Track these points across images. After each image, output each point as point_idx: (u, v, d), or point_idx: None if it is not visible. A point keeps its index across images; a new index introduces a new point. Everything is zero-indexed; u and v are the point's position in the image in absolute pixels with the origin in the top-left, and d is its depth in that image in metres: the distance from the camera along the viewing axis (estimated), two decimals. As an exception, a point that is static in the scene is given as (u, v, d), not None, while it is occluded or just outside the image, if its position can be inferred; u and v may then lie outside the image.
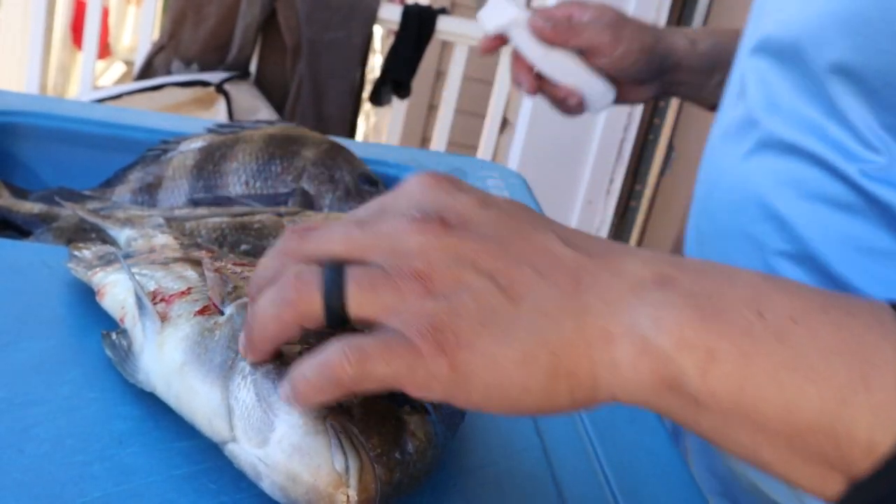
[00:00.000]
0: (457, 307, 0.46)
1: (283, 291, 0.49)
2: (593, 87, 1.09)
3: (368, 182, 1.01)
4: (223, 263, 0.65)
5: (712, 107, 1.08)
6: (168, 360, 0.56)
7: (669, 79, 1.10)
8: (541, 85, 1.11)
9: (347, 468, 0.48)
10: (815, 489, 0.44)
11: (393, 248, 0.48)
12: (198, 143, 1.00)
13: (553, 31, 1.05)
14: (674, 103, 2.77)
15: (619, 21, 1.07)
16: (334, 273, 0.48)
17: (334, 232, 0.50)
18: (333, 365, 0.46)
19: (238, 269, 0.64)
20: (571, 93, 1.09)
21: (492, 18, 1.07)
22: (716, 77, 1.07)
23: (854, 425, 0.42)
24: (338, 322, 0.48)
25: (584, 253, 0.48)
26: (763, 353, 0.43)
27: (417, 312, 0.46)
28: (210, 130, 1.02)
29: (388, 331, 0.46)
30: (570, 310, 0.46)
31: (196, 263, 0.67)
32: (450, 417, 0.57)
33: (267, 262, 0.52)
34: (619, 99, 1.13)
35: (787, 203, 0.78)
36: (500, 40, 1.10)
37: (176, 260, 0.68)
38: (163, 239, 0.76)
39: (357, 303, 0.47)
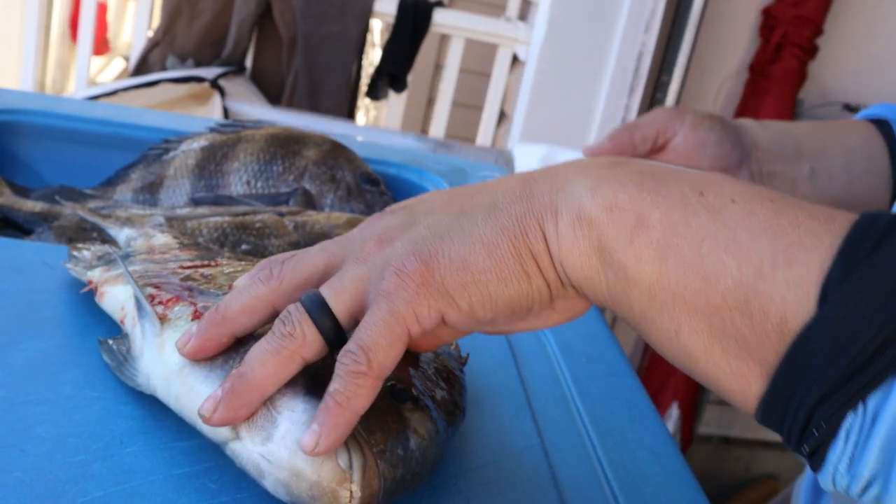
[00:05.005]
0: (409, 238, 0.49)
1: (279, 342, 0.50)
2: None
3: (370, 182, 1.01)
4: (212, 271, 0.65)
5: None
6: (168, 361, 0.56)
7: (756, 168, 0.95)
8: None
9: (351, 464, 0.49)
10: (737, 391, 0.44)
11: (350, 240, 0.53)
12: (199, 143, 1.00)
13: (612, 142, 0.88)
14: (671, 96, 2.77)
15: (674, 109, 0.95)
16: (313, 293, 0.51)
17: (306, 257, 0.54)
18: (354, 372, 0.48)
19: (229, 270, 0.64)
20: None
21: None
22: (805, 167, 0.95)
23: (768, 300, 0.42)
24: (335, 339, 0.50)
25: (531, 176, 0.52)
26: (692, 224, 0.44)
27: (376, 264, 0.49)
28: (212, 130, 1.02)
29: (371, 308, 0.49)
30: (519, 196, 0.50)
31: (202, 261, 0.67)
32: (451, 414, 0.57)
33: (241, 301, 0.54)
34: None
35: None
36: None
37: (176, 259, 0.68)
38: (162, 239, 0.76)
39: (335, 298, 0.50)
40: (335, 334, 0.50)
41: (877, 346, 0.39)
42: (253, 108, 2.42)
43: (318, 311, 0.50)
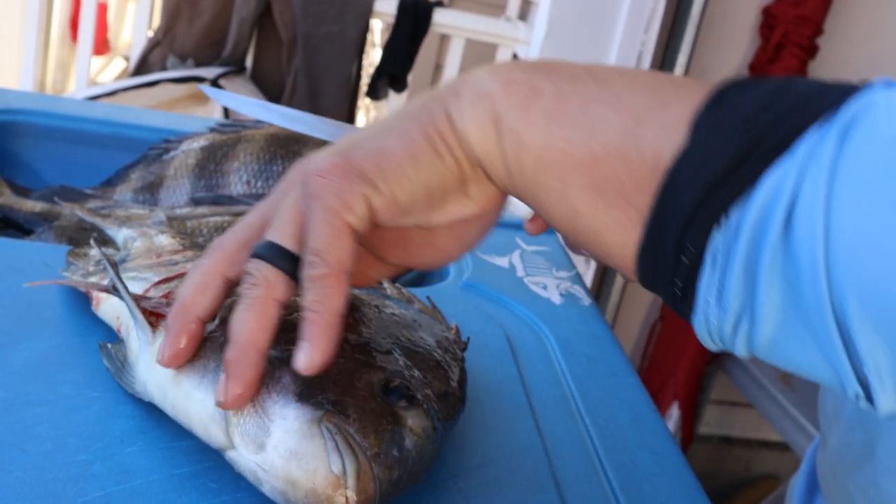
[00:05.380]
0: (326, 153, 0.52)
1: (248, 297, 0.51)
2: None
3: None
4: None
5: None
6: (162, 369, 0.56)
7: None
8: None
9: (345, 470, 0.48)
10: (619, 244, 0.47)
11: (276, 192, 0.55)
12: (200, 143, 1.00)
13: None
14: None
15: None
16: (257, 243, 0.52)
17: (239, 222, 0.56)
18: (312, 269, 0.50)
19: None
20: None
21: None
22: None
23: (643, 141, 0.45)
24: (295, 268, 0.51)
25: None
26: (581, 92, 0.48)
27: (300, 184, 0.52)
28: (212, 129, 1.02)
29: (307, 216, 0.51)
30: (427, 97, 0.53)
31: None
32: (449, 407, 0.57)
33: (192, 282, 0.55)
34: None
35: None
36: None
37: (174, 264, 0.68)
38: (162, 239, 0.76)
39: (279, 234, 0.52)
40: (295, 265, 0.51)
41: (737, 160, 0.41)
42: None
43: (269, 251, 0.51)
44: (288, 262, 0.51)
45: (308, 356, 0.48)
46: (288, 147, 1.00)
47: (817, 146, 0.40)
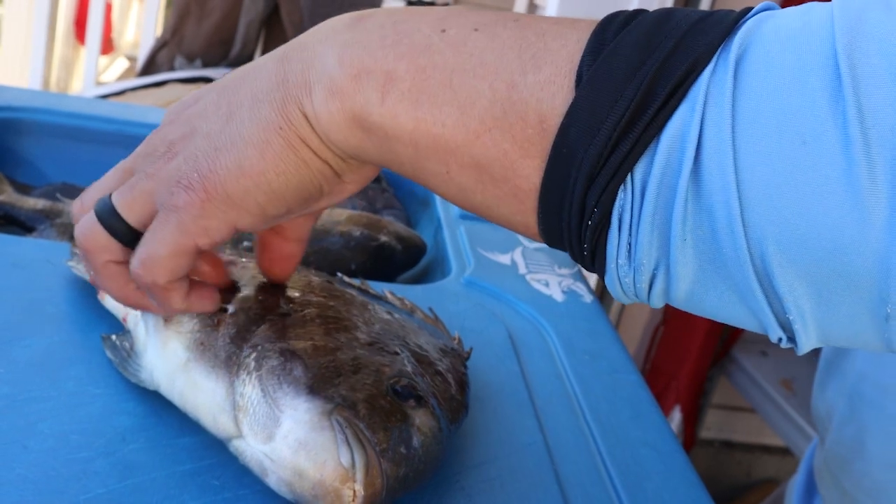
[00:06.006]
0: (190, 152, 0.49)
1: (90, 262, 0.54)
2: None
3: (371, 178, 1.01)
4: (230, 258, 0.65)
5: None
6: (172, 356, 0.56)
7: None
8: None
9: (354, 463, 0.48)
10: (516, 213, 0.44)
11: (138, 156, 0.53)
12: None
13: None
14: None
15: None
16: (103, 200, 0.52)
17: (101, 180, 0.55)
18: (136, 276, 0.51)
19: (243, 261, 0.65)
20: None
21: None
22: None
23: (523, 105, 0.41)
24: (132, 240, 0.51)
25: (291, 47, 0.50)
26: (438, 64, 0.44)
27: (163, 179, 0.50)
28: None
29: (159, 219, 0.50)
30: (276, 83, 0.48)
31: None
32: (453, 411, 0.57)
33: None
34: None
35: None
36: None
37: None
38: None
39: (125, 206, 0.51)
40: (130, 238, 0.52)
41: (633, 113, 0.39)
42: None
43: (108, 216, 0.52)
44: (126, 232, 0.52)
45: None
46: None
47: (713, 86, 0.38)
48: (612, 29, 0.41)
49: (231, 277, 0.62)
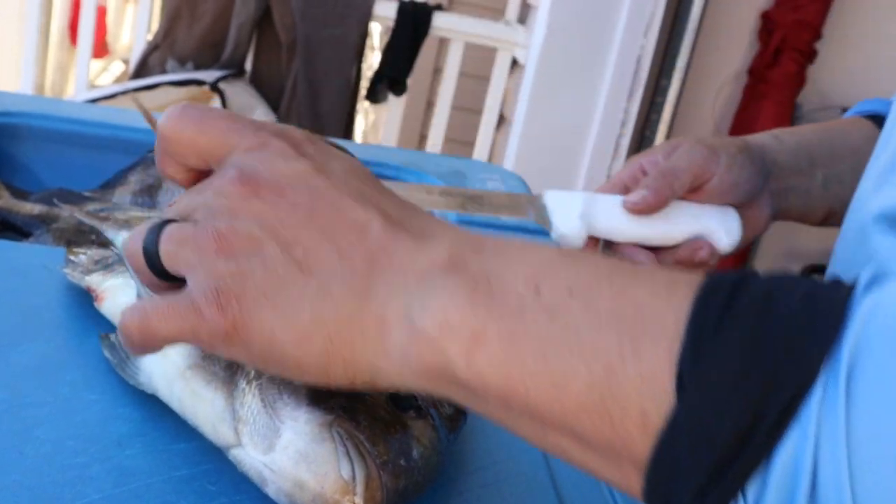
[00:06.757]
0: (244, 271, 0.46)
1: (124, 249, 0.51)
2: (722, 219, 0.88)
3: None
4: None
5: (820, 221, 0.96)
6: (171, 363, 0.56)
7: (775, 186, 0.92)
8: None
9: (354, 476, 0.48)
10: (622, 485, 0.43)
11: (208, 205, 0.48)
12: (197, 144, 1.00)
13: (655, 196, 0.84)
14: (671, 98, 2.77)
15: (697, 141, 0.88)
16: (155, 229, 0.49)
17: (183, 199, 0.51)
18: (124, 327, 0.48)
19: None
20: (698, 246, 0.87)
21: (568, 238, 0.87)
22: (818, 175, 0.93)
23: (624, 396, 0.40)
24: (161, 271, 0.49)
25: (395, 232, 0.47)
26: (531, 331, 0.42)
27: (207, 272, 0.46)
28: (208, 131, 1.02)
29: (185, 289, 0.47)
30: (355, 293, 0.45)
31: None
32: (453, 420, 0.57)
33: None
34: (745, 234, 0.91)
35: None
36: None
37: None
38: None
39: (167, 257, 0.48)
40: (166, 277, 0.49)
41: (742, 433, 0.37)
42: (255, 114, 2.42)
43: (150, 254, 0.49)
44: (160, 272, 0.49)
45: None
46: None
47: (825, 409, 0.36)
48: (711, 320, 0.39)
49: None
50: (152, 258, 0.49)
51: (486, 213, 0.89)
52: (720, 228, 0.87)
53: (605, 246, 0.87)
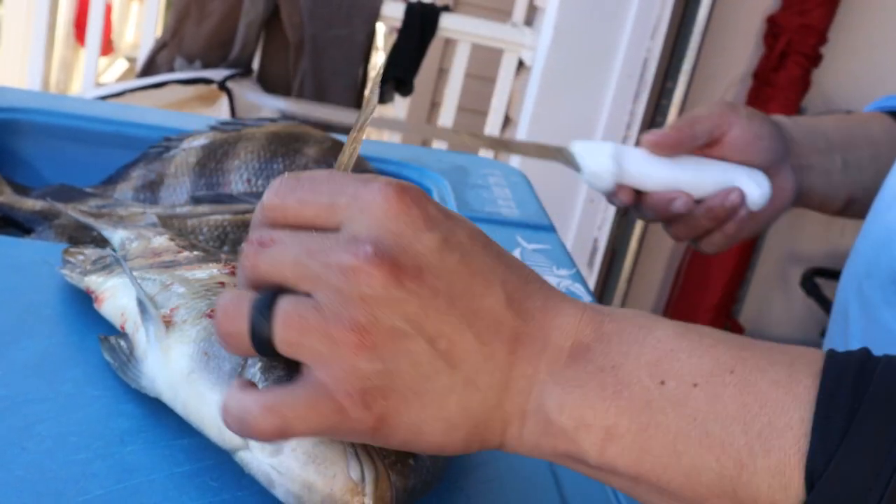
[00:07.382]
0: (392, 372, 0.44)
1: (217, 312, 0.48)
2: (751, 173, 0.89)
3: (370, 180, 1.01)
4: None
5: (841, 210, 0.98)
6: (174, 366, 0.55)
7: (796, 162, 0.93)
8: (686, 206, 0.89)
9: (363, 476, 0.48)
10: None
11: (339, 287, 0.44)
12: (200, 141, 1.00)
13: (676, 132, 0.86)
14: (676, 100, 2.77)
15: (727, 103, 0.90)
16: (265, 303, 0.46)
17: (287, 254, 0.46)
18: (249, 422, 0.45)
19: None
20: (729, 191, 0.88)
21: (600, 176, 0.89)
22: (837, 158, 0.94)
23: (755, 489, 0.42)
24: (270, 353, 0.46)
25: (524, 319, 0.47)
26: (661, 424, 0.44)
27: (349, 370, 0.44)
28: (213, 128, 1.02)
29: (313, 380, 0.45)
30: (499, 385, 0.46)
31: (203, 263, 0.66)
32: None
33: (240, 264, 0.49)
34: (773, 202, 0.92)
35: None
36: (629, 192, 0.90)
37: (177, 264, 0.68)
38: (160, 240, 0.75)
39: (284, 341, 0.45)
40: (270, 353, 0.46)
41: None
42: (263, 97, 2.42)
43: (258, 337, 0.46)
44: (265, 351, 0.46)
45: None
46: (289, 145, 1.00)
47: None
48: (836, 420, 0.41)
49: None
50: (263, 344, 0.46)
51: (515, 154, 0.88)
52: (750, 181, 0.88)
53: (635, 198, 0.89)
